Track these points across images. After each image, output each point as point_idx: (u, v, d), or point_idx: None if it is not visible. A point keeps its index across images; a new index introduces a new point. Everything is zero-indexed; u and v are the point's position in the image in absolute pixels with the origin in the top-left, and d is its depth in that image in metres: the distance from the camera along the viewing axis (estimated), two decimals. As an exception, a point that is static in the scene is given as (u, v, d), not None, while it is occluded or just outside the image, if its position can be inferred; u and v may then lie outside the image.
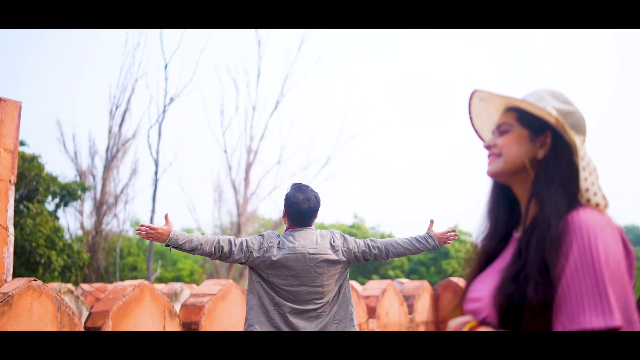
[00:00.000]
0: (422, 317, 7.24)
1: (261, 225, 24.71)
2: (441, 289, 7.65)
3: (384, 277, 21.18)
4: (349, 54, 42.93)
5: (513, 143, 1.24)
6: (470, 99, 1.33)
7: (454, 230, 3.39)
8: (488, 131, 1.37)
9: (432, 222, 3.35)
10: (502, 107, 1.30)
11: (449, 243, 3.39)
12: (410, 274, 22.46)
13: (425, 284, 7.53)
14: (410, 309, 7.07)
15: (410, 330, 6.89)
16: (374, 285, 6.89)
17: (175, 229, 2.94)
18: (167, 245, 2.92)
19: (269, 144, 53.55)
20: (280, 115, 42.26)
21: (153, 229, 2.89)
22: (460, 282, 7.58)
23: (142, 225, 2.91)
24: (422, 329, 7.16)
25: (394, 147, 44.30)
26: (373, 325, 6.24)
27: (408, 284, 7.79)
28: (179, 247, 2.94)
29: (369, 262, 22.36)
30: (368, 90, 41.89)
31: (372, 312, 6.33)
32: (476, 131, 1.38)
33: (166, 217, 2.96)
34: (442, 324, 7.50)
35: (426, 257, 22.79)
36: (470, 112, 1.36)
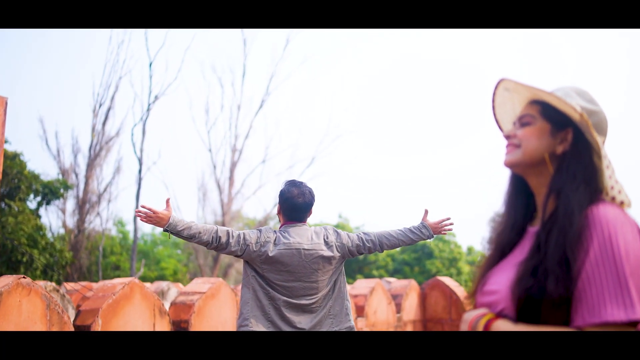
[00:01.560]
0: (409, 316, 7.26)
1: (245, 225, 24.62)
2: (428, 288, 7.66)
3: (368, 276, 21.22)
4: (335, 54, 42.96)
5: (534, 135, 1.25)
6: (496, 88, 1.33)
7: (449, 219, 3.30)
8: (508, 122, 1.38)
9: (426, 212, 3.29)
10: (527, 98, 1.30)
11: (444, 233, 3.30)
12: (395, 273, 22.55)
13: (412, 282, 7.54)
14: (398, 308, 7.08)
15: (398, 329, 6.91)
16: (362, 284, 6.88)
17: (175, 215, 2.90)
18: (166, 231, 2.88)
19: (254, 143, 53.45)
20: (266, 115, 42.20)
21: (154, 212, 2.84)
22: (447, 281, 7.61)
23: (143, 207, 2.85)
24: (409, 328, 7.18)
25: (379, 147, 44.44)
26: (361, 324, 6.25)
27: (395, 283, 7.79)
28: (177, 234, 2.89)
29: (352, 262, 22.40)
30: (354, 90, 41.94)
31: (360, 310, 6.33)
32: (497, 120, 1.39)
33: (167, 201, 2.92)
34: (429, 323, 7.53)
35: (410, 257, 22.90)
36: (493, 101, 1.36)
